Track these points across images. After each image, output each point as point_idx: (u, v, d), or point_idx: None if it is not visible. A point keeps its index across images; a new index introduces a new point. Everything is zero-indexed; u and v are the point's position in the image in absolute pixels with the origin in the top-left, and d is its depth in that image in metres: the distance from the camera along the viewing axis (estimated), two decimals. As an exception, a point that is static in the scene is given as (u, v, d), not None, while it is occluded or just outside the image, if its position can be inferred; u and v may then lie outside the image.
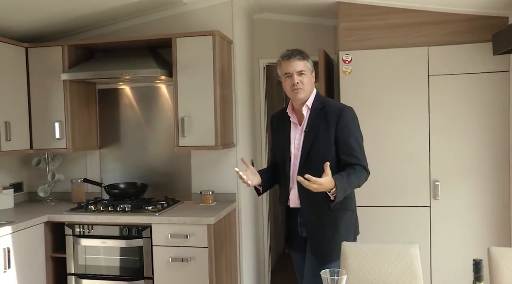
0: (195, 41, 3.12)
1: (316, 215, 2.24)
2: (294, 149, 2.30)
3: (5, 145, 3.15)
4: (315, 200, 2.19)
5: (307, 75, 2.26)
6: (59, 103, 3.34)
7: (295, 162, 2.29)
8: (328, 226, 2.24)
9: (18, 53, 3.32)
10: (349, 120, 2.24)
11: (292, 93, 2.26)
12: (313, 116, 2.28)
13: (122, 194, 3.41)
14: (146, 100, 3.65)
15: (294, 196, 2.30)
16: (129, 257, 3.02)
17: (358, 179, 2.17)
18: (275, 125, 2.50)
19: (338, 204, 2.12)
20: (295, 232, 2.35)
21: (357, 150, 2.22)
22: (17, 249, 2.87)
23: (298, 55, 2.25)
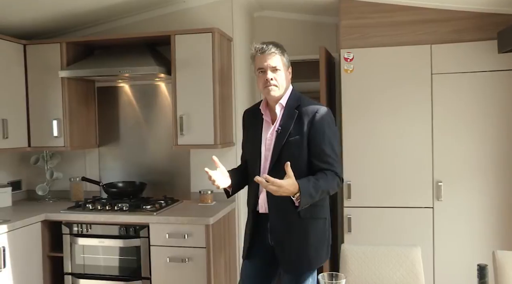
0: (194, 38, 3.08)
1: (285, 222, 2.06)
2: (265, 150, 2.11)
3: (2, 142, 3.11)
4: (283, 206, 2.00)
5: (282, 71, 2.09)
6: (57, 100, 3.30)
7: (265, 164, 2.10)
8: (297, 236, 2.05)
9: (16, 50, 3.29)
10: (324, 122, 2.05)
11: (264, 90, 2.08)
12: (286, 115, 2.09)
13: (120, 193, 3.37)
14: (145, 98, 3.61)
15: (262, 201, 2.11)
16: (126, 257, 2.98)
17: (328, 185, 1.96)
18: (247, 122, 2.30)
19: (307, 212, 1.98)
20: (262, 240, 2.14)
21: (331, 155, 2.02)
22: (13, 248, 2.83)
23: (274, 49, 2.06)
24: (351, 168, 3.17)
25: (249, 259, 2.21)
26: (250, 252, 2.19)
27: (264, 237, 2.13)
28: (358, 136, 3.16)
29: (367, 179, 3.15)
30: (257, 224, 2.15)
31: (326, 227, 2.14)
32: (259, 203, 2.13)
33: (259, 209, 2.14)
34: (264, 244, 2.13)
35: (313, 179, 1.92)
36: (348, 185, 3.17)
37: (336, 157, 2.04)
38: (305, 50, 3.77)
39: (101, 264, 3.02)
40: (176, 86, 3.12)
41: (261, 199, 2.13)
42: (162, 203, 3.20)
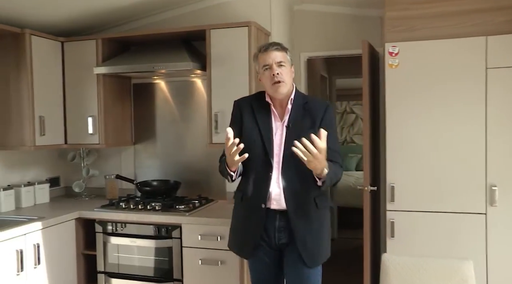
0: (230, 32, 2.96)
1: (304, 216, 2.10)
2: (275, 145, 2.13)
3: (40, 139, 3.12)
4: (302, 199, 2.09)
5: (287, 67, 2.12)
6: (92, 97, 3.29)
7: (275, 160, 2.11)
8: (316, 227, 2.12)
9: (54, 47, 3.29)
10: (332, 118, 2.20)
11: (273, 87, 2.09)
12: (295, 111, 2.14)
13: (154, 191, 3.32)
14: (181, 95, 3.54)
15: (277, 196, 2.10)
16: (158, 258, 2.91)
17: (339, 173, 2.10)
18: (245, 112, 2.23)
19: (322, 200, 2.11)
20: (269, 239, 2.14)
21: (337, 151, 2.13)
22: (47, 245, 2.83)
23: (276, 46, 2.13)
24: (394, 169, 2.96)
25: (255, 258, 2.20)
26: (255, 253, 2.17)
27: (270, 237, 2.13)
28: (403, 135, 2.94)
29: (412, 181, 2.93)
30: (265, 221, 2.12)
31: None
32: (272, 198, 2.10)
33: (271, 205, 2.11)
34: (270, 244, 2.14)
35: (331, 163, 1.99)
36: (392, 187, 2.96)
37: (340, 152, 2.16)
38: (347, 45, 3.59)
39: (133, 264, 2.97)
40: (211, 82, 3.02)
41: (276, 194, 2.09)
42: (195, 203, 3.11)
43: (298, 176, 2.07)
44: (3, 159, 3.26)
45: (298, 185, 2.09)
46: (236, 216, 2.30)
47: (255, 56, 2.19)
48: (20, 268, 2.63)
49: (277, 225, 2.12)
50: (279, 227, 2.12)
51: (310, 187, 2.08)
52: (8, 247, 2.57)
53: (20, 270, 2.63)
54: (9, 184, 3.26)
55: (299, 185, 2.09)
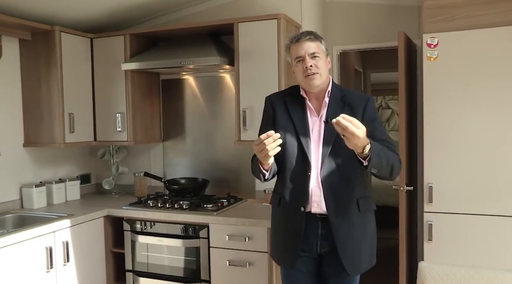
0: (258, 26, 2.86)
1: (345, 220, 1.93)
2: (313, 142, 1.96)
3: (69, 136, 3.13)
4: (343, 201, 1.93)
5: (321, 58, 1.95)
6: (121, 94, 3.26)
7: (315, 157, 1.94)
8: (357, 231, 1.95)
9: (83, 44, 3.29)
10: (374, 110, 2.03)
11: (305, 80, 1.94)
12: (333, 104, 1.98)
13: (181, 189, 3.27)
14: (210, 91, 3.47)
15: (318, 197, 1.93)
16: (186, 258, 2.86)
17: (393, 157, 1.86)
18: (278, 108, 2.06)
19: (365, 204, 1.95)
20: (310, 245, 1.98)
21: (387, 140, 1.95)
22: (76, 242, 2.83)
23: (309, 35, 1.95)
24: (433, 168, 2.78)
25: (295, 271, 2.02)
26: (296, 259, 1.99)
27: (311, 245, 1.97)
28: (442, 132, 2.76)
29: (452, 181, 2.74)
30: (306, 228, 1.96)
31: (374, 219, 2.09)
32: (313, 200, 1.93)
33: (311, 208, 1.94)
34: (311, 253, 1.99)
35: (380, 146, 1.81)
36: (430, 187, 2.79)
37: (392, 142, 1.97)
38: (382, 37, 3.42)
39: (161, 263, 2.93)
40: (239, 77, 2.94)
41: (316, 196, 1.93)
42: (224, 202, 3.04)
43: (340, 175, 1.92)
44: (35, 156, 3.28)
45: (339, 185, 1.93)
46: (275, 221, 2.13)
47: (287, 47, 2.02)
48: (49, 265, 2.63)
49: (320, 232, 1.96)
50: (321, 234, 1.96)
51: (353, 187, 1.94)
52: (38, 244, 2.58)
53: (50, 267, 2.64)
54: (41, 181, 3.28)
55: (340, 185, 1.93)
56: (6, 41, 3.05)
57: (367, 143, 1.69)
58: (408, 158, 3.05)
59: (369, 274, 2.16)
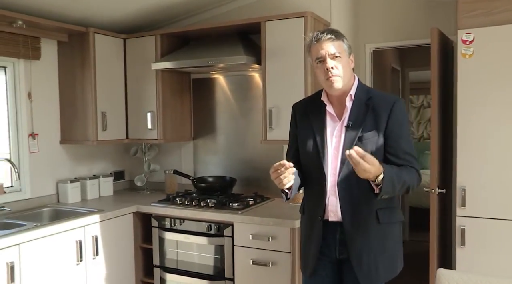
0: (285, 24, 2.84)
1: (361, 230, 1.85)
2: (332, 148, 1.88)
3: (102, 134, 3.23)
4: (359, 212, 1.85)
5: (343, 58, 1.85)
6: (151, 93, 3.33)
7: (333, 165, 1.87)
8: (375, 244, 1.87)
9: (117, 44, 3.38)
10: (402, 115, 1.87)
11: (326, 83, 1.85)
12: (356, 108, 1.87)
13: (209, 188, 3.30)
14: (240, 90, 3.47)
15: (334, 206, 1.87)
16: (211, 256, 2.88)
17: (410, 179, 1.80)
18: (299, 117, 2.03)
19: (385, 216, 1.86)
20: (329, 253, 1.93)
21: (410, 153, 1.86)
22: (105, 237, 2.91)
23: (330, 35, 1.84)
24: (466, 171, 2.66)
25: (313, 276, 1.97)
26: (315, 269, 1.95)
27: (330, 251, 1.92)
28: (477, 132, 2.63)
29: (487, 185, 2.61)
30: (325, 234, 1.92)
31: (401, 232, 2.01)
32: (329, 209, 1.89)
33: (329, 217, 1.90)
34: (328, 259, 1.94)
35: (396, 167, 1.77)
36: (462, 190, 2.67)
37: (414, 154, 1.88)
38: (418, 34, 3.30)
39: (187, 260, 2.97)
40: (266, 76, 2.92)
41: (332, 205, 1.88)
42: (249, 201, 3.03)
43: (358, 183, 1.80)
44: (72, 153, 3.41)
45: (357, 195, 1.84)
46: (301, 229, 2.11)
47: (307, 47, 1.93)
48: (79, 258, 2.73)
49: (338, 238, 1.90)
50: (340, 240, 1.90)
51: (372, 197, 1.80)
52: (68, 238, 2.68)
53: (80, 260, 2.73)
54: (77, 177, 3.41)
55: (358, 195, 1.84)
56: (45, 43, 3.19)
57: (380, 172, 1.65)
58: (441, 159, 2.94)
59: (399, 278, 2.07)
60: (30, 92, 3.10)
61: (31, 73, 3.11)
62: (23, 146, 3.08)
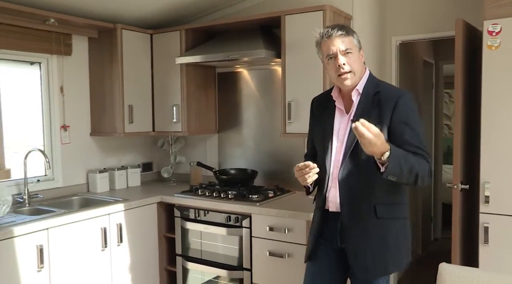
0: (304, 18, 2.84)
1: (359, 223, 1.88)
2: (337, 142, 1.92)
3: (128, 127, 3.35)
4: (358, 204, 1.87)
5: (354, 54, 1.88)
6: (176, 86, 3.42)
7: (337, 157, 1.91)
8: (373, 238, 1.87)
9: (144, 40, 3.49)
10: (407, 109, 1.84)
11: (338, 80, 1.89)
12: (363, 102, 1.89)
13: (230, 180, 3.36)
14: (264, 84, 3.51)
15: (334, 197, 1.92)
16: (229, 246, 2.95)
17: (418, 164, 1.74)
18: (315, 111, 2.11)
19: (385, 211, 1.85)
20: (329, 241, 1.98)
21: (419, 146, 1.80)
22: (129, 225, 3.03)
23: (341, 31, 1.86)
24: (490, 166, 2.58)
25: (312, 261, 2.05)
26: (314, 253, 2.03)
27: (332, 239, 1.97)
28: (502, 127, 2.54)
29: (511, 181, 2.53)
30: (325, 223, 1.99)
31: (407, 228, 1.96)
32: (329, 200, 1.94)
33: (329, 206, 1.95)
34: (331, 246, 1.99)
35: (403, 150, 1.73)
36: (486, 186, 2.59)
37: (424, 148, 1.83)
38: (447, 25, 3.21)
39: (208, 250, 3.05)
40: (285, 70, 2.94)
41: (332, 196, 1.93)
42: (269, 194, 3.07)
43: (359, 176, 1.86)
44: (101, 145, 3.56)
45: (356, 188, 1.88)
46: (312, 219, 2.17)
47: (318, 43, 1.95)
48: (104, 244, 2.86)
49: (339, 227, 1.94)
50: (341, 230, 1.94)
51: (372, 192, 1.86)
52: (94, 224, 2.81)
53: (105, 246, 2.87)
54: (106, 167, 3.56)
55: (357, 188, 1.88)
56: (76, 39, 3.34)
57: (386, 149, 1.63)
58: (465, 154, 2.86)
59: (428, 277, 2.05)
60: (62, 86, 3.26)
61: (63, 68, 3.27)
62: (56, 138, 3.25)
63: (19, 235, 2.41)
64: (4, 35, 2.86)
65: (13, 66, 3.08)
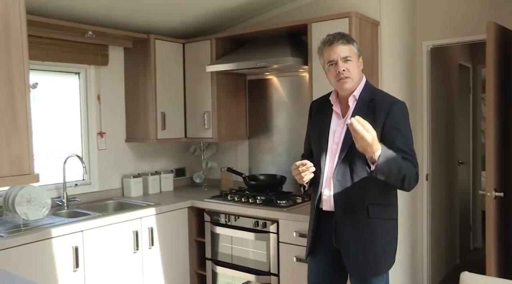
0: (330, 25, 2.85)
1: (351, 222, 1.99)
2: (333, 143, 2.05)
3: (161, 133, 3.46)
4: (350, 204, 1.99)
5: (354, 61, 2.02)
6: (207, 94, 3.51)
7: (332, 158, 2.04)
8: (365, 237, 1.99)
9: (176, 49, 3.61)
10: (400, 116, 1.97)
11: (338, 84, 2.03)
12: (359, 108, 2.01)
13: (259, 185, 3.40)
14: (293, 90, 3.54)
15: (328, 197, 2.04)
16: (257, 251, 2.98)
17: (407, 166, 1.86)
18: (314, 113, 2.24)
19: (376, 211, 1.96)
20: (326, 240, 2.09)
21: (406, 150, 1.92)
22: (161, 229, 3.13)
23: (342, 39, 2.00)
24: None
25: (312, 258, 2.17)
26: (313, 251, 2.16)
27: (328, 237, 2.08)
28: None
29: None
30: (320, 222, 2.11)
31: (395, 229, 2.08)
32: (324, 200, 2.06)
33: (323, 206, 2.07)
34: (327, 245, 2.09)
35: (394, 156, 1.82)
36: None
37: (413, 154, 1.95)
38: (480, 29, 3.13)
39: (236, 254, 3.10)
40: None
41: (326, 195, 2.05)
42: (297, 199, 3.10)
43: (352, 178, 1.99)
44: (136, 151, 3.70)
45: (350, 188, 1.99)
46: (309, 218, 2.29)
47: (319, 49, 2.10)
48: (136, 247, 2.97)
49: (334, 227, 2.06)
50: (335, 229, 2.06)
51: (364, 192, 1.98)
52: (126, 228, 2.92)
53: (136, 249, 2.97)
54: (140, 172, 3.69)
55: (351, 188, 1.99)
56: (113, 50, 3.49)
57: (378, 148, 1.74)
58: (500, 161, 2.78)
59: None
60: (99, 95, 3.41)
61: (100, 78, 3.42)
62: (93, 144, 3.41)
63: (56, 236, 2.55)
64: (46, 48, 3.04)
65: (54, 76, 3.26)
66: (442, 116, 3.95)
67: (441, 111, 3.91)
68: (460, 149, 4.61)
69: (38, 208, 2.73)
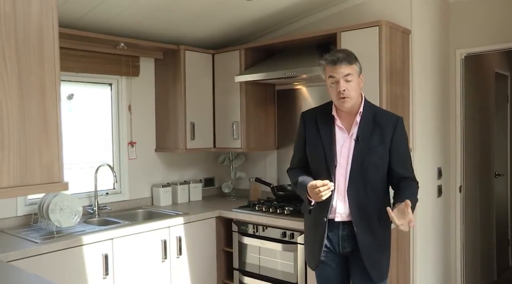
0: (360, 34, 2.82)
1: (368, 227, 2.12)
2: (341, 157, 2.14)
3: (190, 143, 3.49)
4: (366, 214, 2.12)
5: (354, 81, 2.11)
6: (235, 104, 3.52)
7: (341, 172, 2.13)
8: (379, 240, 2.15)
9: (206, 59, 3.65)
10: (403, 131, 2.19)
11: (338, 102, 2.13)
12: (364, 124, 2.14)
13: (287, 196, 3.36)
14: (322, 100, 3.40)
15: (342, 209, 2.14)
16: (284, 262, 2.95)
17: (416, 190, 2.14)
18: (309, 124, 2.27)
19: (385, 221, 2.07)
20: (333, 248, 2.19)
21: (410, 163, 2.19)
22: (189, 238, 3.14)
23: (345, 61, 2.09)
24: None
25: (325, 268, 2.23)
26: (322, 260, 2.21)
27: (336, 245, 2.18)
28: None
29: None
30: (330, 232, 2.17)
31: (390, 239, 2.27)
32: (337, 212, 2.14)
33: (335, 218, 2.15)
34: (336, 252, 2.19)
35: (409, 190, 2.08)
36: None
37: (413, 169, 2.20)
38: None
39: (263, 265, 3.07)
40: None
41: (340, 208, 2.14)
42: (325, 210, 3.04)
43: (365, 190, 2.11)
44: (165, 160, 3.74)
45: (364, 199, 2.12)
46: (306, 228, 2.38)
47: (323, 66, 2.17)
48: (164, 256, 2.99)
49: (341, 234, 2.17)
50: (343, 236, 2.17)
51: (375, 201, 2.13)
52: (155, 236, 2.95)
53: (164, 258, 2.99)
54: (169, 182, 3.73)
55: (365, 199, 2.12)
56: (144, 61, 3.57)
57: None
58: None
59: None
60: (130, 105, 3.49)
61: (131, 88, 3.50)
62: (123, 153, 3.47)
63: (87, 243, 2.60)
64: (80, 60, 3.13)
65: (88, 88, 3.35)
66: (478, 126, 3.83)
67: (476, 121, 3.79)
68: (497, 160, 4.45)
69: (70, 215, 2.79)
